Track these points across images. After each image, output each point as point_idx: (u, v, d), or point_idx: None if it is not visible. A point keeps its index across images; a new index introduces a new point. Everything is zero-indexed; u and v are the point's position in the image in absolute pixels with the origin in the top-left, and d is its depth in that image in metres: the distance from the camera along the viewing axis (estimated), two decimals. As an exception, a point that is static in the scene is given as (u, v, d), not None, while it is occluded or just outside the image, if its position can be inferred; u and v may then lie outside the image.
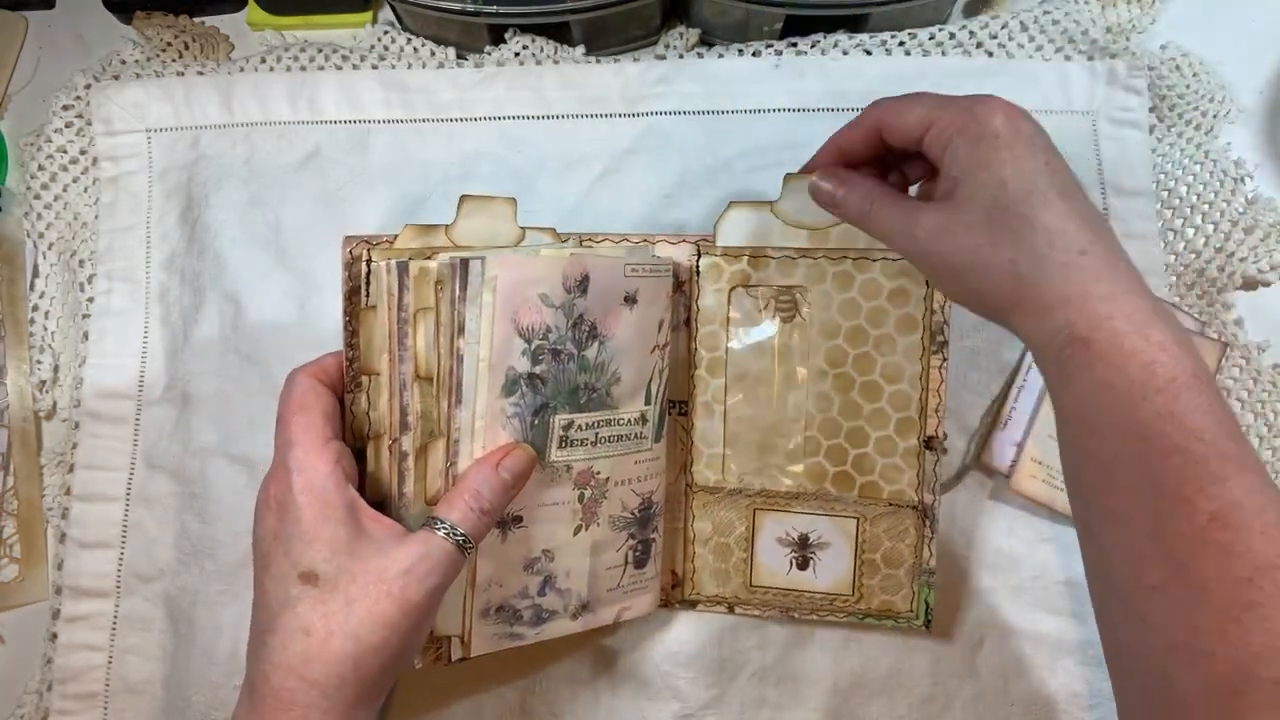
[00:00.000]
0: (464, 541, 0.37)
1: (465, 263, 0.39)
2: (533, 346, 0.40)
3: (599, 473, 0.43)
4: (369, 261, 0.42)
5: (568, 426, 0.42)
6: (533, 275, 0.40)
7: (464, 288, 0.39)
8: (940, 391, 0.46)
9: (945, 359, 0.46)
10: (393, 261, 0.40)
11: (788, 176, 0.47)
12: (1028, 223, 0.34)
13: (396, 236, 0.44)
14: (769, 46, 0.56)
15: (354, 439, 0.42)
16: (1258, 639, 0.29)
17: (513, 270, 0.39)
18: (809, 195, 0.43)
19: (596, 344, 0.42)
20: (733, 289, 0.48)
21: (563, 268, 0.40)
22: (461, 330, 0.39)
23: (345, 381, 0.42)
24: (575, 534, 0.43)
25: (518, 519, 0.42)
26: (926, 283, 0.46)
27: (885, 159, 0.43)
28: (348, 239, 0.43)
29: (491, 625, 0.42)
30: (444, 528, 0.37)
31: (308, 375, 0.40)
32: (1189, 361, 0.31)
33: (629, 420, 0.44)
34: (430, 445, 0.41)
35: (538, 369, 0.40)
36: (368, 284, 0.42)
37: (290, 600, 0.35)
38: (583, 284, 0.41)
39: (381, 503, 0.41)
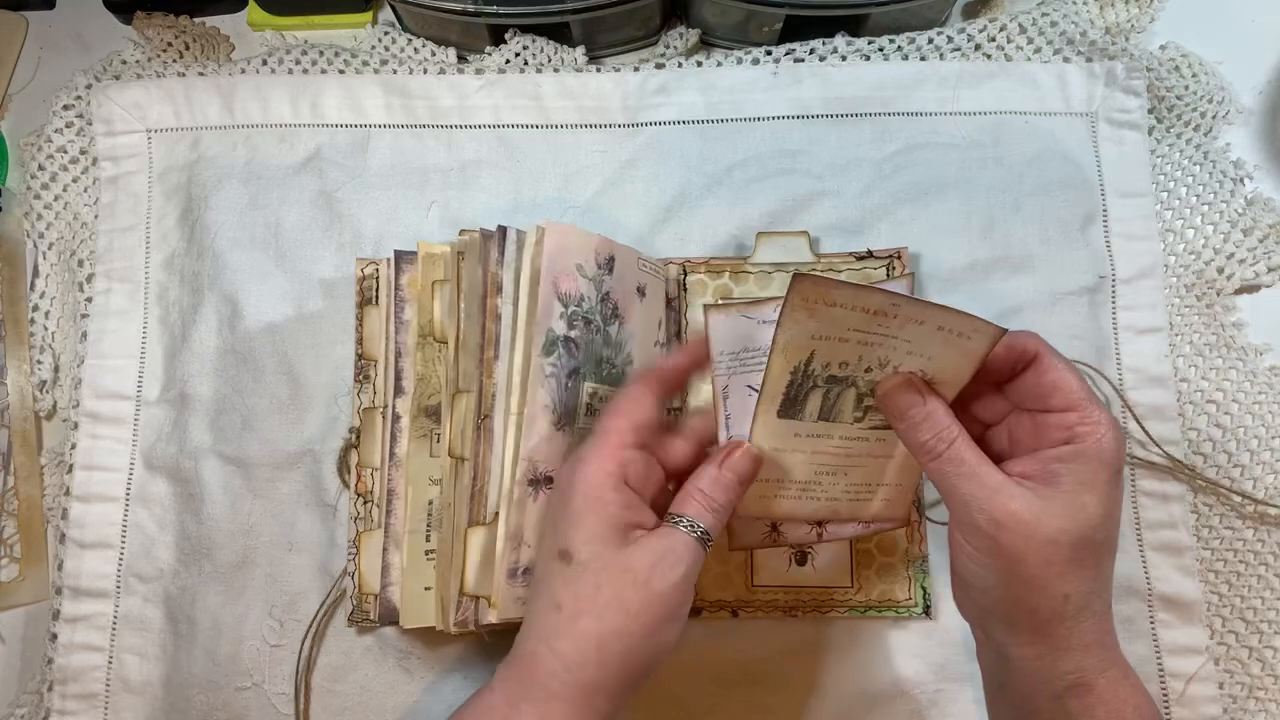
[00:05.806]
0: (704, 535, 0.38)
1: (504, 230, 0.44)
2: (569, 311, 0.44)
3: None
4: (377, 277, 0.49)
5: (592, 395, 0.45)
6: (574, 245, 0.45)
7: (501, 252, 0.44)
8: None
9: None
10: (392, 254, 0.47)
11: (760, 235, 0.52)
12: (1094, 569, 0.36)
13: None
14: (768, 54, 0.56)
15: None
16: None
17: (558, 236, 0.44)
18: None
19: (618, 323, 0.47)
20: (717, 300, 0.51)
21: (595, 245, 0.45)
22: (499, 290, 0.44)
23: (355, 374, 0.48)
24: None
25: (549, 479, 0.44)
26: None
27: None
28: (359, 260, 0.51)
29: (518, 588, 0.43)
30: (684, 522, 0.38)
31: (640, 384, 0.41)
32: (1149, 700, 0.37)
33: None
34: (455, 400, 0.44)
35: (573, 333, 0.44)
36: (376, 292, 0.48)
37: (547, 575, 0.38)
38: (609, 264, 0.46)
39: (374, 467, 0.48)
